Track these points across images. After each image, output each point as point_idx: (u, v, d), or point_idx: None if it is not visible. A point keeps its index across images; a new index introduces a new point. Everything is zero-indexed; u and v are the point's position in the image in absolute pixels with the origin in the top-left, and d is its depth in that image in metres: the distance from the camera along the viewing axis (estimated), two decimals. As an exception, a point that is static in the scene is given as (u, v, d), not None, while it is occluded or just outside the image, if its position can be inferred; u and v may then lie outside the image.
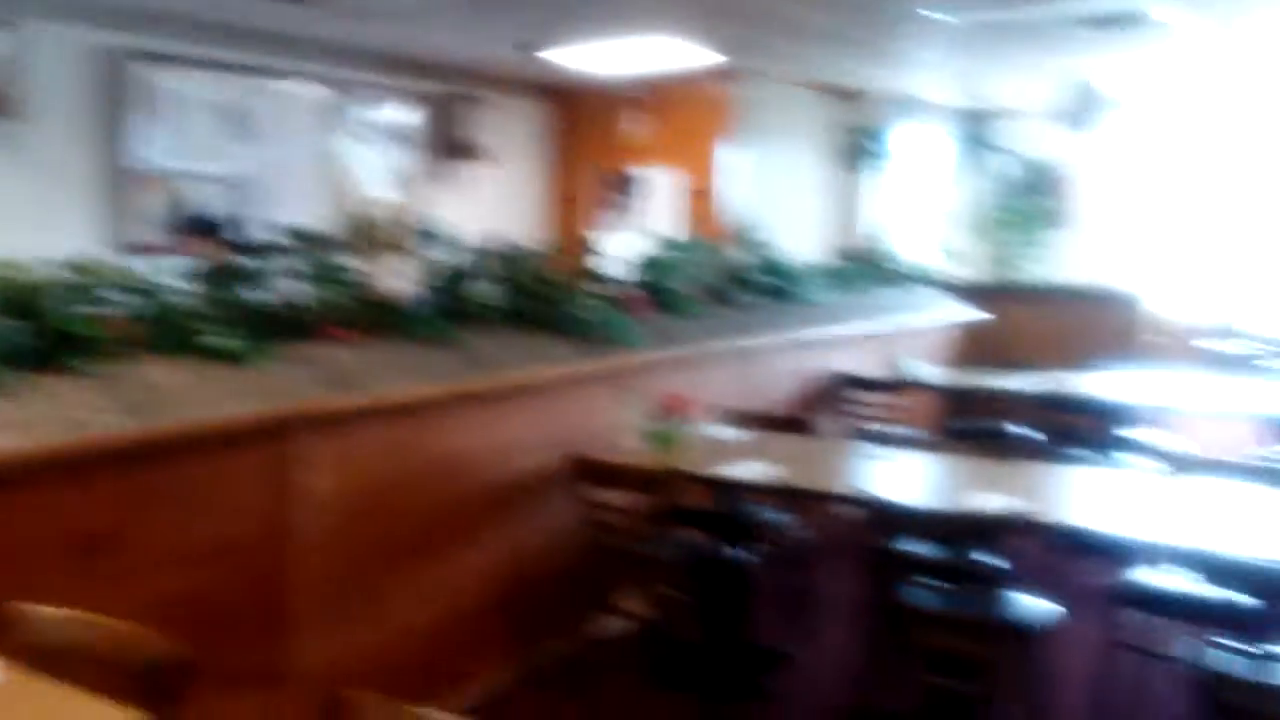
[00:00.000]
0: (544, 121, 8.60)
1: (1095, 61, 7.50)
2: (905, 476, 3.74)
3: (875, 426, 5.37)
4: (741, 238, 6.24)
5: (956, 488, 3.55)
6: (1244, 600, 2.73)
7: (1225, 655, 2.77)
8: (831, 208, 8.99)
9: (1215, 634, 2.86)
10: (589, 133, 8.47)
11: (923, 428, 5.69)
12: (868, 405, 5.70)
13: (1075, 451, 4.81)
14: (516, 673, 3.89)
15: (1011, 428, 5.03)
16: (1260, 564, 2.64)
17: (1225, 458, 3.72)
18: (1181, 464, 3.61)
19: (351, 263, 3.57)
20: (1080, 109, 7.96)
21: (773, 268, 5.77)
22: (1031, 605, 3.19)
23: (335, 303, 3.37)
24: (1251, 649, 2.70)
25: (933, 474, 3.87)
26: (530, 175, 8.50)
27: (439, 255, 3.95)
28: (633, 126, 8.15)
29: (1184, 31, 6.45)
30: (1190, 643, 2.87)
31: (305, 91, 6.81)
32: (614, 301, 4.33)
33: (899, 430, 5.13)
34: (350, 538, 3.27)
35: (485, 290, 3.96)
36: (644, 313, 4.41)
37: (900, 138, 9.17)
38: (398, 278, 3.76)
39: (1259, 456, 4.59)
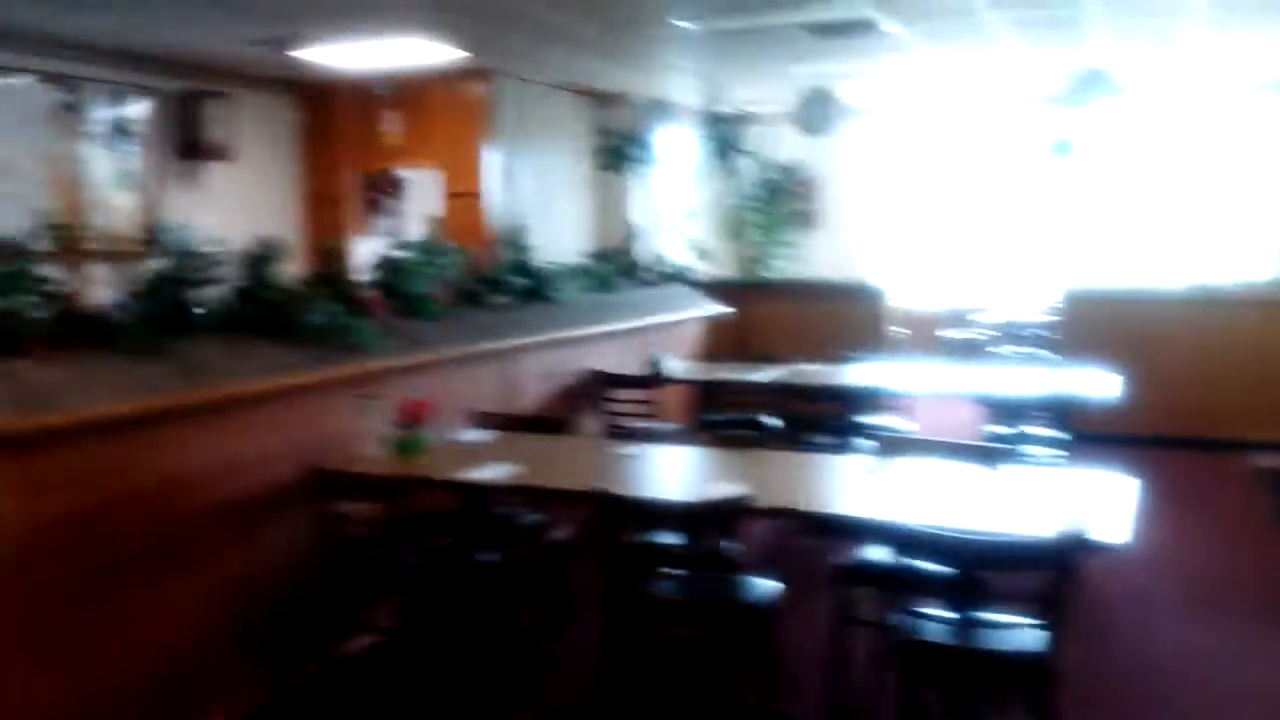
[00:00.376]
0: (296, 120, 8.27)
1: (833, 69, 7.90)
2: (655, 470, 3.81)
3: (630, 422, 5.46)
4: (503, 239, 6.21)
5: (702, 479, 3.63)
6: (946, 571, 2.91)
7: (932, 624, 2.95)
8: (595, 209, 9.09)
9: (925, 604, 3.04)
10: (345, 132, 8.20)
11: (676, 421, 5.82)
12: (624, 401, 5.78)
13: (817, 439, 5.04)
14: (261, 700, 3.71)
15: (759, 418, 5.23)
16: (956, 536, 2.82)
17: (945, 438, 3.97)
18: (899, 447, 3.83)
19: (51, 271, 3.30)
20: (815, 114, 8.35)
21: (525, 269, 5.76)
22: (764, 586, 3.31)
23: (26, 315, 3.10)
24: (954, 616, 2.89)
25: (681, 466, 3.95)
26: (281, 175, 8.15)
27: (159, 260, 3.71)
28: (390, 126, 7.96)
29: (911, 45, 6.88)
30: (902, 614, 3.04)
31: (29, 88, 6.31)
32: (353, 305, 4.20)
33: (652, 425, 5.23)
34: (56, 569, 3.02)
35: (209, 296, 3.75)
36: (383, 316, 4.30)
37: (662, 141, 9.35)
38: (109, 286, 3.51)
39: (979, 435, 4.94)
